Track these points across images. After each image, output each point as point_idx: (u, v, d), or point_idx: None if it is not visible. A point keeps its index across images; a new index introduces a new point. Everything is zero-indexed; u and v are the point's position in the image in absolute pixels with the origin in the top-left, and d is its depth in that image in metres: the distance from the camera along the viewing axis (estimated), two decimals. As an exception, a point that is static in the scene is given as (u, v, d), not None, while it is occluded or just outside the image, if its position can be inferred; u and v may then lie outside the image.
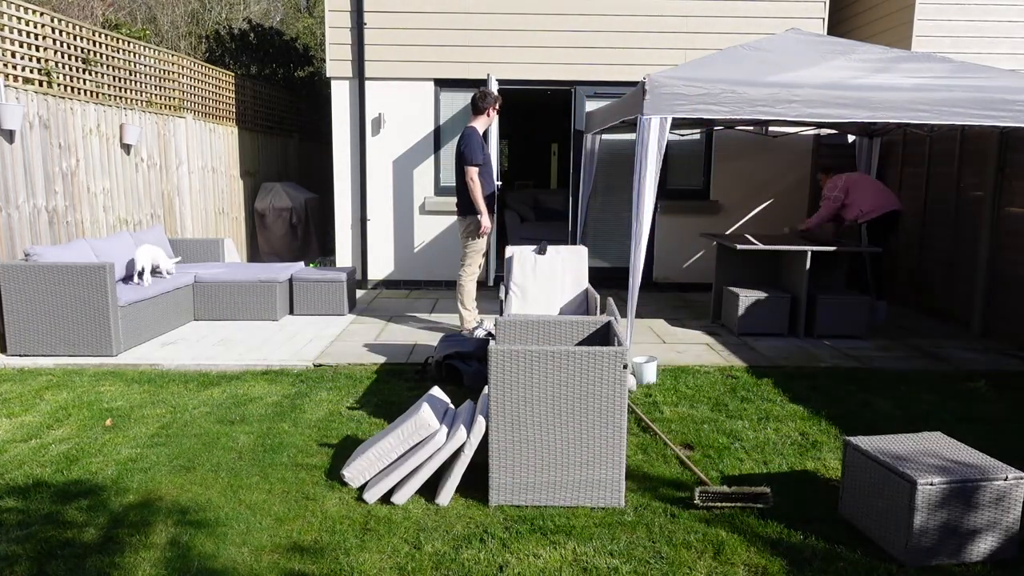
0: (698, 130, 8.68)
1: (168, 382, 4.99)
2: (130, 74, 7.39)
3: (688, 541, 2.97)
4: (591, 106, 8.45)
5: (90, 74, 6.73)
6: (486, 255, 6.83)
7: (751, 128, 8.33)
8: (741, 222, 8.81)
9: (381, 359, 5.57)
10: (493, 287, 8.77)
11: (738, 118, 4.86)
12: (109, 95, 7.02)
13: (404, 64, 8.34)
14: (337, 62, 8.34)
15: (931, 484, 2.75)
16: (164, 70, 8.06)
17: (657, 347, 6.01)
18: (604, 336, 3.97)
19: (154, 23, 16.10)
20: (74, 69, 6.51)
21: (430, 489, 3.39)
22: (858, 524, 3.07)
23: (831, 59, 5.43)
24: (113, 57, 7.10)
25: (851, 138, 8.50)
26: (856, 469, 3.08)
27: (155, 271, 6.46)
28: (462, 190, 5.85)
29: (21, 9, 5.84)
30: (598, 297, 4.92)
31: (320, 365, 5.45)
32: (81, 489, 3.38)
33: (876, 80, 5.05)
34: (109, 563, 2.78)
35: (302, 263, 7.56)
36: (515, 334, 3.99)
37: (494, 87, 7.31)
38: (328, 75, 8.39)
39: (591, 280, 5.62)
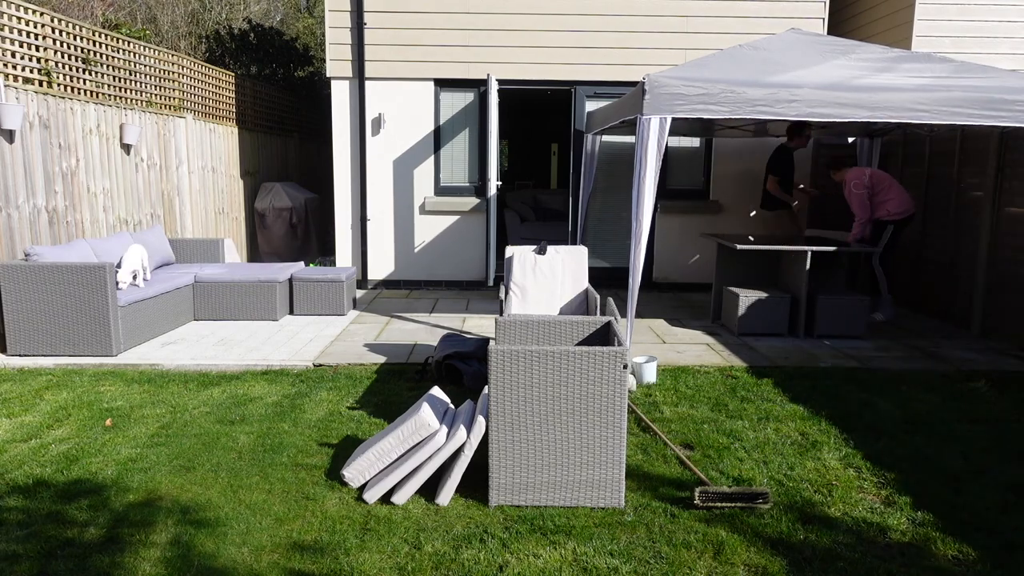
0: (698, 139, 8.69)
1: (168, 382, 4.99)
2: (130, 74, 7.39)
3: (688, 541, 2.97)
4: (591, 106, 8.45)
5: (90, 74, 6.73)
6: (486, 254, 7.13)
7: (750, 131, 8.32)
8: (741, 222, 8.81)
9: (381, 359, 5.57)
10: (493, 287, 8.77)
11: (738, 118, 4.86)
12: (109, 95, 7.02)
13: (404, 64, 8.34)
14: (337, 62, 8.34)
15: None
16: (164, 70, 8.06)
17: (657, 347, 6.01)
18: (604, 336, 3.98)
19: (154, 23, 16.10)
20: (74, 69, 6.51)
21: (430, 489, 3.39)
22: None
23: (831, 59, 5.44)
24: (113, 57, 7.09)
25: (851, 139, 8.50)
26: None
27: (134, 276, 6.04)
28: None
29: (21, 9, 5.84)
30: (598, 297, 4.92)
31: (320, 365, 5.45)
32: (82, 489, 3.39)
33: (876, 80, 5.05)
34: (110, 563, 2.78)
35: (302, 263, 7.56)
36: (515, 334, 3.99)
37: (494, 87, 7.31)
38: (328, 75, 8.39)
39: (591, 280, 5.63)
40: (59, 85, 6.29)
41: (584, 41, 8.29)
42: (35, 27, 6.01)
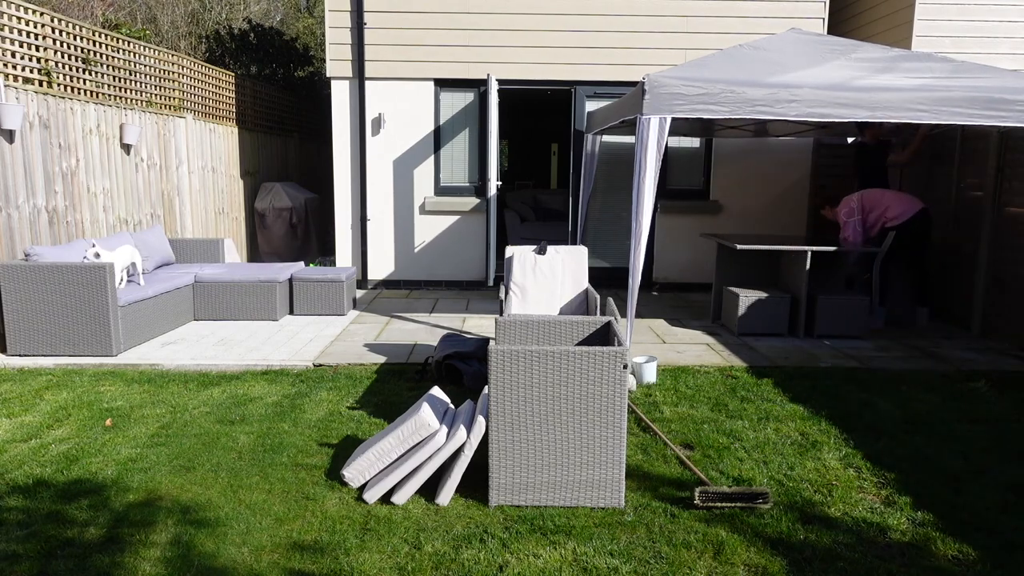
0: (698, 139, 8.68)
1: (168, 382, 4.99)
2: (130, 74, 7.39)
3: (688, 541, 2.97)
4: (591, 106, 8.45)
5: (90, 74, 6.73)
6: (486, 254, 7.21)
7: (750, 131, 8.32)
8: (741, 222, 8.81)
9: (381, 359, 5.57)
10: (493, 287, 8.77)
11: (738, 118, 4.86)
12: (109, 95, 7.02)
13: (404, 64, 8.34)
14: (337, 62, 8.34)
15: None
16: (164, 70, 8.06)
17: (657, 347, 6.01)
18: (604, 336, 3.98)
19: (154, 23, 16.10)
20: (74, 69, 6.50)
21: (430, 489, 3.39)
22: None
23: (831, 59, 5.43)
24: (113, 57, 7.09)
25: (851, 139, 8.50)
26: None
27: (131, 276, 6.19)
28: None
29: (21, 9, 5.83)
30: (598, 297, 4.92)
31: (320, 365, 5.45)
32: (82, 489, 3.39)
33: (876, 81, 5.05)
34: (110, 562, 2.78)
35: (302, 263, 7.56)
36: (515, 334, 3.99)
37: (494, 87, 7.31)
38: (328, 75, 8.39)
39: (591, 280, 5.62)
40: (59, 85, 6.29)
41: (584, 41, 8.29)
42: (35, 27, 6.01)
